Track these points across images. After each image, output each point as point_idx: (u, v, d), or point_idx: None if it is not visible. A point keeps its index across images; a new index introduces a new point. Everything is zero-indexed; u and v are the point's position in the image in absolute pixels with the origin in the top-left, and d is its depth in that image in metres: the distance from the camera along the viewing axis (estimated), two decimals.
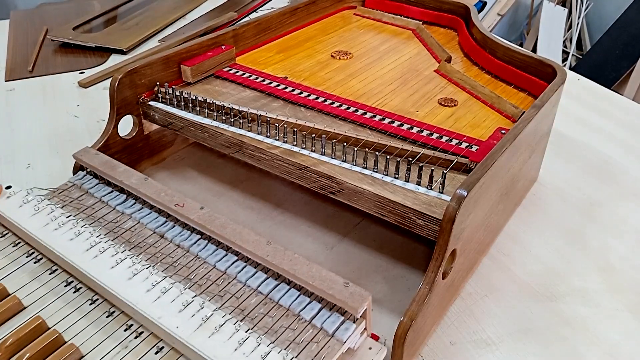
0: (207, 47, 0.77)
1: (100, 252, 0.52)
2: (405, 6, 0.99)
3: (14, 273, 0.54)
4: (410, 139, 0.63)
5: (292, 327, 0.47)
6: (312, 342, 0.45)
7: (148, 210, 0.59)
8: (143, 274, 0.50)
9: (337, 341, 0.46)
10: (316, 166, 0.59)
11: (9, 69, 1.11)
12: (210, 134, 0.66)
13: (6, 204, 0.57)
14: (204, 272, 0.52)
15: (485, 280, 0.62)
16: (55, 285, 0.53)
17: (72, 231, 0.55)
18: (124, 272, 0.50)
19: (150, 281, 0.49)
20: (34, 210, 0.56)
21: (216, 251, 0.54)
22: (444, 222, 0.48)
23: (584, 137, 0.90)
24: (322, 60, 0.83)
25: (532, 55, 0.75)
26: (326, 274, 0.48)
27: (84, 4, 1.41)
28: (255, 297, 0.49)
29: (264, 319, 0.48)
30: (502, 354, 0.54)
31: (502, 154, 0.54)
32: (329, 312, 0.48)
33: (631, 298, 0.61)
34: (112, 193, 0.62)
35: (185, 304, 0.47)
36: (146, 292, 0.48)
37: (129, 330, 0.48)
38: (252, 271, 0.52)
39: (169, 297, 0.48)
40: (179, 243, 0.55)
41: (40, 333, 0.48)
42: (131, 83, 0.69)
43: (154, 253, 0.54)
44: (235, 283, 0.51)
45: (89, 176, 0.64)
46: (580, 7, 2.45)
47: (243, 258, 0.53)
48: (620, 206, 0.75)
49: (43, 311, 0.50)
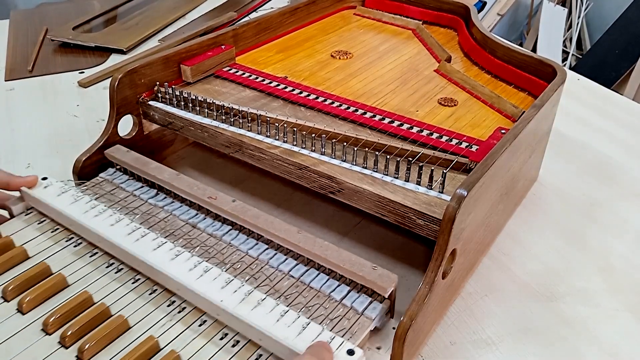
0: (207, 46, 0.77)
1: (141, 236, 0.55)
2: (405, 6, 0.99)
3: (55, 255, 0.56)
4: (410, 139, 0.63)
5: (324, 306, 0.51)
6: (343, 319, 0.49)
7: (179, 203, 0.62)
8: (184, 255, 0.53)
9: (367, 319, 0.50)
10: (316, 166, 0.59)
11: (9, 68, 1.11)
12: (210, 133, 0.66)
13: (45, 192, 0.60)
14: (237, 258, 0.55)
15: (485, 280, 0.62)
16: (97, 266, 0.55)
17: (112, 218, 0.57)
18: (166, 254, 0.53)
19: (192, 262, 0.52)
20: (73, 199, 0.59)
21: (247, 240, 0.57)
22: (444, 222, 0.48)
23: (584, 137, 0.90)
24: (322, 60, 0.83)
25: (532, 55, 0.75)
26: (355, 258, 0.52)
27: (84, 4, 1.41)
28: (287, 280, 0.53)
29: (297, 298, 0.51)
30: (502, 354, 0.54)
31: (502, 154, 0.54)
32: (357, 293, 0.52)
33: (631, 298, 0.61)
34: (143, 188, 0.65)
35: (226, 282, 0.50)
36: (189, 270, 0.51)
37: (172, 305, 0.51)
38: (282, 258, 0.55)
39: (210, 276, 0.50)
40: (211, 232, 0.58)
41: (88, 306, 0.50)
42: (131, 83, 0.69)
43: (189, 240, 0.57)
44: (267, 268, 0.54)
45: (119, 172, 0.67)
46: (580, 6, 2.45)
47: (273, 246, 0.57)
48: (620, 206, 0.75)
49: (88, 287, 0.52)
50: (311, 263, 0.55)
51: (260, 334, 0.46)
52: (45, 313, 0.49)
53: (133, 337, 0.47)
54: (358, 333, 0.48)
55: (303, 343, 0.44)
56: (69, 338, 0.46)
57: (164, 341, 0.47)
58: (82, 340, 0.46)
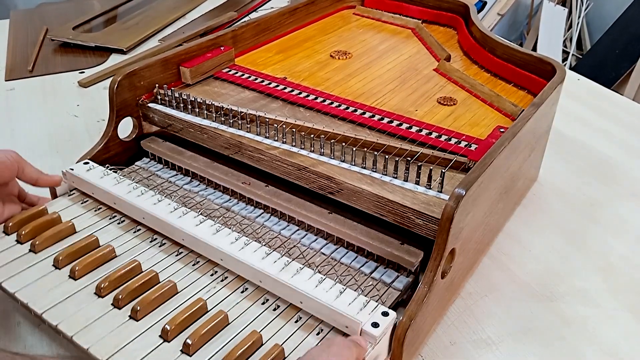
0: (206, 48, 0.77)
1: (183, 213, 0.58)
2: (404, 5, 0.99)
3: (102, 229, 0.59)
4: (409, 138, 0.63)
5: (355, 278, 0.55)
6: (374, 289, 0.53)
7: (212, 189, 0.66)
8: (225, 231, 0.56)
9: (395, 290, 0.53)
10: (315, 166, 0.59)
11: (9, 68, 1.11)
12: (210, 135, 0.66)
13: (90, 174, 0.63)
14: (271, 237, 0.59)
15: (485, 280, 0.62)
16: (142, 240, 0.58)
17: (154, 198, 0.60)
18: (208, 229, 0.56)
19: (233, 236, 0.55)
20: (115, 181, 0.62)
21: (279, 222, 0.62)
22: (442, 221, 0.48)
23: (584, 136, 0.90)
24: (321, 60, 0.83)
25: (531, 53, 0.75)
26: (383, 236, 0.56)
27: (84, 4, 1.41)
28: (319, 257, 0.57)
29: (330, 271, 0.55)
30: (502, 354, 0.54)
31: (501, 153, 0.54)
32: (384, 268, 0.56)
33: (631, 298, 0.61)
34: (177, 175, 0.69)
35: (266, 254, 0.53)
36: (230, 243, 0.54)
37: (215, 274, 0.54)
38: (313, 237, 0.59)
39: (251, 249, 0.53)
40: (245, 215, 0.62)
41: (138, 272, 0.53)
42: (130, 85, 0.69)
43: (225, 221, 0.61)
44: (300, 246, 0.58)
45: (153, 161, 0.71)
46: (580, 6, 2.45)
47: (304, 227, 0.61)
48: (620, 206, 0.75)
49: (136, 257, 0.55)
50: (340, 242, 0.58)
51: (301, 297, 0.49)
52: (97, 279, 0.52)
53: (182, 299, 0.51)
54: (387, 302, 0.52)
55: (342, 305, 0.47)
56: (122, 300, 0.50)
57: (212, 303, 0.51)
58: (134, 301, 0.49)
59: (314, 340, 0.47)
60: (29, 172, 0.60)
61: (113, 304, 0.50)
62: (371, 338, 0.45)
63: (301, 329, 0.49)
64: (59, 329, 0.48)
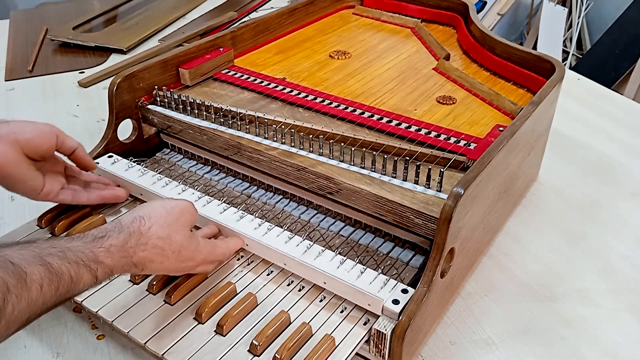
0: (205, 49, 0.77)
1: (207, 202, 0.60)
2: (404, 4, 0.99)
3: None
4: (408, 138, 0.63)
5: (374, 258, 0.57)
6: (392, 268, 0.56)
7: (232, 177, 0.69)
8: (248, 217, 0.58)
9: (413, 267, 0.56)
10: (314, 167, 0.59)
11: (9, 68, 1.11)
12: (209, 136, 0.66)
13: (115, 167, 0.66)
14: (292, 221, 0.62)
15: (485, 280, 0.62)
16: None
17: (178, 188, 0.63)
18: (232, 216, 0.59)
19: (256, 222, 0.58)
20: (140, 173, 0.65)
21: (298, 207, 0.64)
22: (441, 221, 0.48)
23: (584, 136, 0.89)
24: (320, 61, 0.83)
25: (530, 52, 0.75)
26: None
27: (84, 4, 1.41)
28: (338, 239, 0.59)
29: (349, 252, 0.58)
30: (502, 354, 0.54)
31: (500, 151, 0.54)
32: (401, 248, 0.58)
33: (631, 298, 0.61)
34: (197, 165, 0.71)
35: (289, 237, 0.56)
36: (254, 229, 0.57)
37: (241, 259, 0.57)
38: (332, 220, 0.62)
39: (274, 233, 0.56)
40: (265, 201, 0.65)
41: None
42: (129, 87, 0.69)
43: (247, 207, 0.63)
44: (319, 229, 0.61)
45: (173, 152, 0.74)
46: (581, 6, 2.45)
47: (322, 211, 0.63)
48: (620, 206, 0.75)
49: None
50: (358, 224, 0.61)
51: (325, 278, 0.52)
52: None
53: (212, 284, 0.54)
54: (406, 279, 0.54)
55: (364, 285, 0.50)
56: (156, 286, 0.53)
57: (240, 287, 0.54)
58: (167, 287, 0.53)
59: (338, 318, 0.51)
60: (68, 144, 0.58)
61: (148, 289, 0.54)
62: (393, 314, 0.48)
63: (325, 308, 0.52)
64: None
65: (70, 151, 0.59)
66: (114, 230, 0.45)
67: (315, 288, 0.54)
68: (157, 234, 0.46)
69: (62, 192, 0.58)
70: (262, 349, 0.47)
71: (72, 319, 0.57)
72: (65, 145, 0.58)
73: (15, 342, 0.55)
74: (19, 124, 0.54)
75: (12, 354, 0.54)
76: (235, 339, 0.49)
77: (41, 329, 0.56)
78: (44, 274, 0.39)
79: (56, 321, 0.57)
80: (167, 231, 0.47)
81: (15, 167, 0.52)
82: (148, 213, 0.48)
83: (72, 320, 0.57)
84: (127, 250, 0.44)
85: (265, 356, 0.47)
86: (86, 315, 0.58)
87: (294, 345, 0.47)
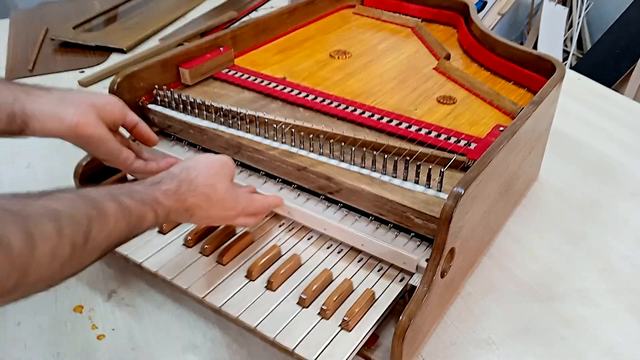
0: (205, 49, 0.77)
1: (248, 175, 0.65)
2: (404, 4, 0.99)
3: None
4: (409, 138, 0.63)
5: None
6: None
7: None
8: (288, 188, 0.62)
9: None
10: (314, 166, 0.59)
11: (9, 68, 1.11)
12: (209, 136, 0.66)
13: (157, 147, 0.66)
14: None
15: (485, 280, 0.62)
16: None
17: None
18: (273, 187, 0.63)
19: (294, 193, 0.62)
20: (185, 150, 0.69)
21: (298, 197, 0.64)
22: (441, 220, 0.48)
23: (584, 136, 0.89)
24: (320, 60, 0.83)
25: (530, 51, 0.75)
26: None
27: (84, 3, 1.41)
28: None
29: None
30: (502, 354, 0.54)
31: (500, 151, 0.54)
32: None
33: (631, 298, 0.61)
34: None
35: (326, 206, 0.60)
36: (294, 198, 0.61)
37: (282, 226, 0.62)
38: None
39: (312, 203, 0.60)
40: None
41: (221, 227, 0.61)
42: (130, 87, 0.69)
43: None
44: None
45: None
46: (581, 6, 2.45)
47: None
48: (620, 206, 0.75)
49: None
50: None
51: (362, 240, 0.56)
52: (184, 232, 0.61)
53: (259, 246, 0.59)
54: None
55: (398, 246, 0.54)
56: (207, 249, 0.58)
57: (284, 249, 0.58)
58: (219, 250, 0.58)
59: (376, 276, 0.55)
60: (131, 117, 0.60)
61: (201, 252, 0.58)
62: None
63: (364, 267, 0.56)
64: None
65: (133, 124, 0.61)
66: (167, 177, 0.50)
67: (352, 250, 0.58)
68: (203, 183, 0.51)
69: (136, 160, 0.59)
70: (310, 301, 0.52)
71: (72, 319, 0.57)
72: (129, 117, 0.60)
73: (15, 342, 0.55)
74: (90, 92, 0.57)
75: (12, 354, 0.54)
76: (284, 294, 0.53)
77: (41, 329, 0.56)
78: (118, 210, 0.42)
79: (56, 321, 0.57)
80: (212, 180, 0.51)
81: (97, 127, 0.54)
82: (194, 164, 0.52)
83: (72, 320, 0.57)
84: (179, 195, 0.49)
85: (313, 308, 0.52)
86: (86, 315, 0.58)
87: (338, 298, 0.52)
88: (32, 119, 0.52)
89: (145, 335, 0.56)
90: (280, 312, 0.52)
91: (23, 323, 0.57)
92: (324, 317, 0.51)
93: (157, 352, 0.54)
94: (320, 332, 0.50)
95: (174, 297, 0.60)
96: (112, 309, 0.59)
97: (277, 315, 0.51)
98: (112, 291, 0.61)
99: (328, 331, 0.50)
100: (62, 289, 0.61)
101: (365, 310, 0.51)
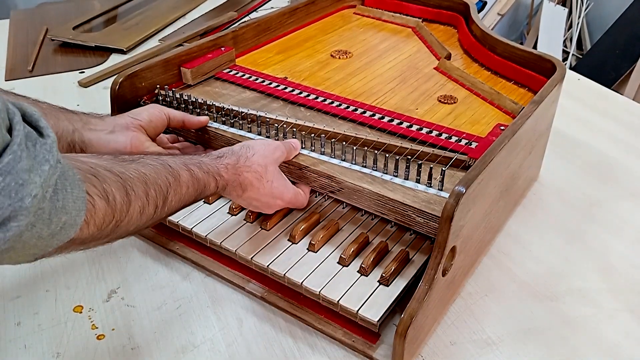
0: (206, 49, 0.77)
1: None
2: (404, 4, 0.99)
3: None
4: (410, 137, 0.63)
5: None
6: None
7: None
8: None
9: None
10: (315, 165, 0.59)
11: (9, 68, 1.11)
12: (211, 135, 0.66)
13: None
14: None
15: (485, 280, 0.62)
16: None
17: None
18: None
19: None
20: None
21: None
22: (442, 219, 0.48)
23: (584, 136, 0.89)
24: (321, 60, 0.83)
25: (531, 51, 0.75)
26: None
27: (84, 4, 1.41)
28: None
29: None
30: (502, 354, 0.54)
31: (501, 150, 0.54)
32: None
33: (631, 298, 0.61)
34: None
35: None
36: None
37: (318, 196, 0.65)
38: None
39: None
40: None
41: None
42: (131, 86, 0.69)
43: None
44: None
45: None
46: (581, 6, 2.45)
47: None
48: (620, 206, 0.75)
49: None
50: None
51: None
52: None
53: (299, 213, 0.63)
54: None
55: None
56: (252, 215, 0.62)
57: (322, 215, 0.62)
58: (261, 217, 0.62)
59: (409, 238, 0.59)
60: (174, 117, 0.64)
61: (245, 219, 0.62)
62: None
63: (398, 230, 0.60)
64: None
65: (179, 124, 0.65)
66: (228, 152, 0.55)
67: None
68: (257, 162, 0.55)
69: None
70: (349, 261, 0.56)
71: (72, 319, 0.57)
72: (174, 118, 0.64)
73: (16, 342, 0.55)
74: (134, 112, 0.62)
75: (12, 354, 0.54)
76: (325, 254, 0.57)
77: (41, 329, 0.56)
78: (189, 178, 0.49)
79: (56, 321, 0.57)
80: (265, 161, 0.56)
81: (147, 149, 0.60)
82: (252, 144, 0.57)
83: (72, 320, 0.57)
84: (237, 169, 0.54)
85: (353, 267, 0.56)
86: (86, 315, 0.58)
87: (375, 257, 0.55)
88: (89, 147, 0.57)
89: (145, 335, 0.56)
90: (323, 270, 0.56)
91: (23, 323, 0.57)
92: (364, 274, 0.55)
93: (157, 352, 0.54)
94: (360, 288, 0.54)
95: (174, 297, 0.60)
96: (112, 309, 0.58)
97: (320, 272, 0.55)
98: (112, 291, 0.61)
99: (368, 286, 0.54)
100: (62, 289, 0.61)
101: (401, 268, 0.55)
